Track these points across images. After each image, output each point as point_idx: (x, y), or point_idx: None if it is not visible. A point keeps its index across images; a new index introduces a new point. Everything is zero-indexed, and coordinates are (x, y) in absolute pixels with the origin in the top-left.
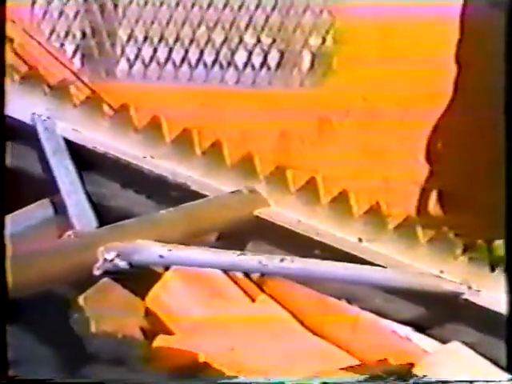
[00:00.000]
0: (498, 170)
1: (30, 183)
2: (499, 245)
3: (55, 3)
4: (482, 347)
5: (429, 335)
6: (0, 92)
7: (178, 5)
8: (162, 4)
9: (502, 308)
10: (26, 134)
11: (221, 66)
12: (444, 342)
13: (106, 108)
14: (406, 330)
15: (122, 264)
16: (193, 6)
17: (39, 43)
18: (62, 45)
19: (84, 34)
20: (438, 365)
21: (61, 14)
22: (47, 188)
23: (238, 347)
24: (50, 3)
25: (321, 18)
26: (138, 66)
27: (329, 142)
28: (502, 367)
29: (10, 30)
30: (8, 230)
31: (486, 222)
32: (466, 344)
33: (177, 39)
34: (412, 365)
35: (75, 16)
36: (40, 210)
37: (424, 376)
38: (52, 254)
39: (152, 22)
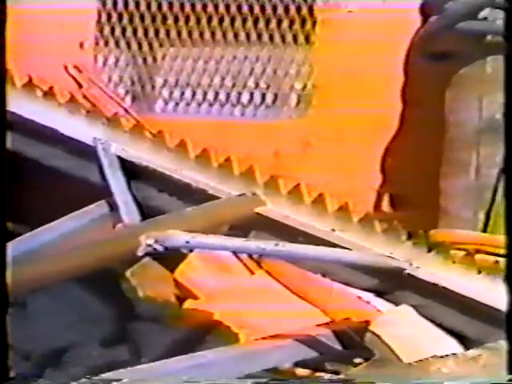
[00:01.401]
0: (434, 179)
1: (92, 188)
2: (434, 233)
3: (111, 59)
4: (422, 308)
5: (383, 299)
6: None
7: (199, 58)
8: (187, 58)
9: (436, 280)
10: (89, 153)
11: (231, 104)
12: (395, 304)
13: (147, 134)
14: (368, 296)
15: (159, 248)
16: (210, 59)
17: (100, 87)
18: (116, 88)
19: (132, 81)
20: (389, 322)
21: (116, 65)
22: (104, 192)
23: (242, 309)
24: (107, 59)
25: (303, 68)
26: (171, 103)
27: (310, 159)
28: (435, 323)
29: (79, 79)
30: (74, 223)
31: (424, 216)
32: (410, 306)
33: (199, 84)
34: (368, 322)
35: (126, 67)
36: (98, 208)
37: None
38: (107, 240)
39: (181, 72)
